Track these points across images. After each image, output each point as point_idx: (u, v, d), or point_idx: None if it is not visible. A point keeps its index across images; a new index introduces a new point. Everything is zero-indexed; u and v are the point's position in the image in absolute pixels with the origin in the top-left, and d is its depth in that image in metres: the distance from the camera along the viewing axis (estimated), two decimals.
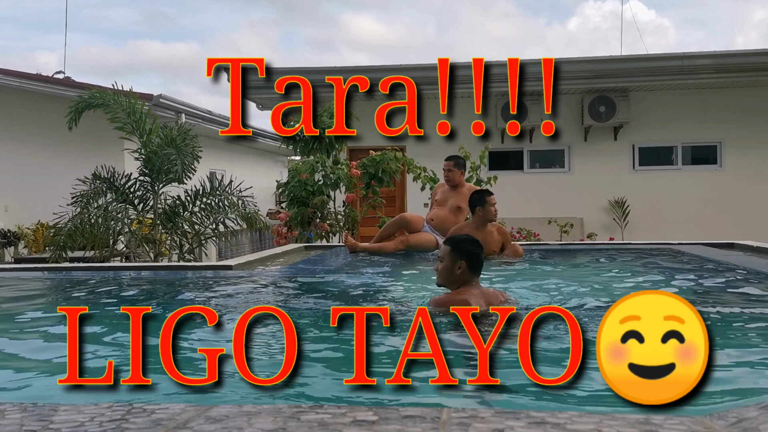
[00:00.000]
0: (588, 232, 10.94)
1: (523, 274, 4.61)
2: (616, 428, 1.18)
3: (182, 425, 1.22)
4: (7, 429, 1.22)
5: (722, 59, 10.31)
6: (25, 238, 11.10)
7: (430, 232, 5.79)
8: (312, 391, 1.90)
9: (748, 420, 1.26)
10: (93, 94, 7.57)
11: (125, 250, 7.95)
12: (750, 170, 10.84)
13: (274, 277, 4.53)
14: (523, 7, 71.04)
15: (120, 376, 1.68)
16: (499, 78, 8.28)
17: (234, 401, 1.62)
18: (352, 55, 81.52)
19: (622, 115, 10.73)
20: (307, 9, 64.64)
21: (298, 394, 1.86)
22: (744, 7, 50.07)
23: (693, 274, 4.32)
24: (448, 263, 2.95)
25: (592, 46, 69.05)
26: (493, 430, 1.18)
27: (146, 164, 7.49)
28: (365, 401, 1.69)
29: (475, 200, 5.37)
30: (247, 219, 8.00)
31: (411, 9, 69.15)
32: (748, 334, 2.69)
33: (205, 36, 79.43)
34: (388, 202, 9.47)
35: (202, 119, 12.22)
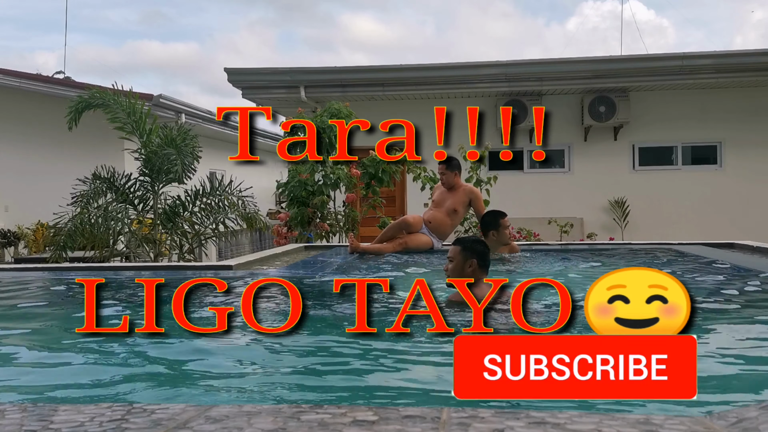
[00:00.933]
0: (588, 232, 10.94)
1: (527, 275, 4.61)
2: (616, 428, 1.18)
3: (182, 425, 1.22)
4: (7, 429, 1.22)
5: (722, 59, 10.31)
6: (25, 238, 11.11)
7: (426, 234, 5.81)
8: (312, 391, 1.90)
9: (748, 420, 1.26)
10: (93, 94, 7.57)
11: (125, 250, 7.95)
12: (750, 170, 10.84)
13: (273, 277, 4.52)
14: (522, 7, 71.03)
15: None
16: (498, 78, 8.41)
17: (234, 401, 1.63)
18: (350, 55, 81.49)
19: (622, 115, 10.73)
20: (305, 9, 64.70)
21: (298, 394, 1.87)
22: (743, 7, 50.07)
23: (692, 274, 4.32)
24: (459, 262, 3.07)
25: (591, 47, 69.12)
26: (493, 430, 1.18)
27: (146, 164, 7.49)
28: (365, 401, 1.69)
29: (488, 223, 5.00)
30: (247, 219, 8.01)
31: (409, 9, 69.20)
32: (748, 334, 2.69)
33: (204, 36, 79.47)
34: (388, 202, 9.46)
35: (202, 119, 12.22)
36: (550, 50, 61.86)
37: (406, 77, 10.65)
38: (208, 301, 3.65)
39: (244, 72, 10.98)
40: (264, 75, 11.04)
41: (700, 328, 2.76)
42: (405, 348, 2.37)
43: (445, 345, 2.43)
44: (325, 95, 10.59)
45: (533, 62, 10.64)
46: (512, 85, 10.60)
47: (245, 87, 11.04)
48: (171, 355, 2.38)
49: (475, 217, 7.51)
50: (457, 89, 10.73)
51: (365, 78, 10.81)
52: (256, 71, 11.08)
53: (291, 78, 10.81)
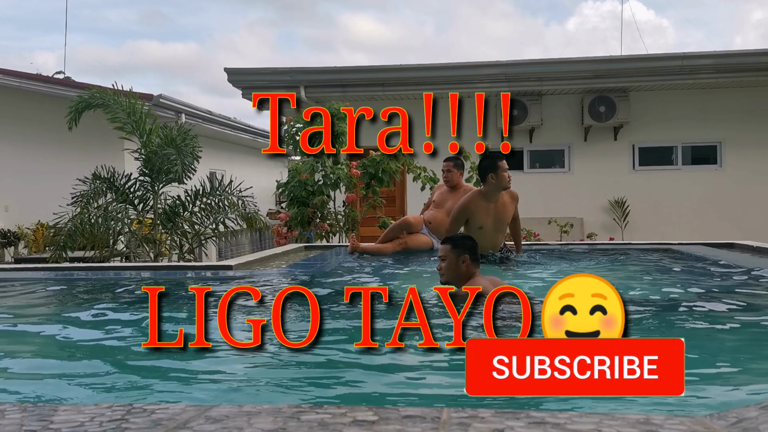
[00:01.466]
0: (588, 232, 10.94)
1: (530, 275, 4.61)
2: (616, 428, 1.18)
3: (182, 425, 1.22)
4: (7, 429, 1.22)
5: (722, 59, 10.31)
6: (25, 238, 11.11)
7: (426, 235, 5.82)
8: (312, 392, 1.91)
9: (748, 420, 1.26)
10: (93, 94, 7.57)
11: (125, 250, 7.95)
12: (750, 170, 10.84)
13: (274, 277, 4.52)
14: (521, 7, 71.08)
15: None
16: (498, 78, 8.43)
17: (234, 401, 1.63)
18: (350, 55, 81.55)
19: (622, 115, 10.73)
20: (305, 9, 64.72)
21: (298, 395, 1.87)
22: (742, 7, 50.09)
23: (693, 274, 4.32)
24: (452, 260, 3.14)
25: (591, 47, 69.11)
26: (493, 430, 1.18)
27: (146, 164, 7.49)
28: (365, 401, 1.69)
29: (485, 167, 4.77)
30: (247, 219, 8.00)
31: (409, 9, 69.22)
32: (748, 334, 2.69)
33: (204, 36, 79.50)
34: (388, 202, 9.46)
35: (202, 119, 12.22)
36: (550, 50, 61.87)
37: (407, 77, 10.65)
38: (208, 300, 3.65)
39: (244, 72, 10.98)
40: (264, 75, 11.04)
41: (701, 328, 2.76)
42: (405, 348, 2.37)
43: (445, 346, 2.43)
44: (325, 95, 10.59)
45: (533, 62, 10.64)
46: (512, 85, 10.59)
47: (245, 87, 11.04)
48: (171, 355, 2.38)
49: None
50: (457, 89, 10.69)
51: (365, 78, 10.81)
52: (256, 71, 11.08)
53: (291, 78, 10.81)
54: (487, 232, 4.86)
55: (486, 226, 4.86)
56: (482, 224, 4.85)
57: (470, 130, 3.53)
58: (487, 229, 4.86)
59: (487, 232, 4.85)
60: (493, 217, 4.88)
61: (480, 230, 4.79)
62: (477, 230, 4.77)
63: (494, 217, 4.88)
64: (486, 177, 4.75)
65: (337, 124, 7.82)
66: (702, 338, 2.53)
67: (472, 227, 4.85)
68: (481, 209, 4.85)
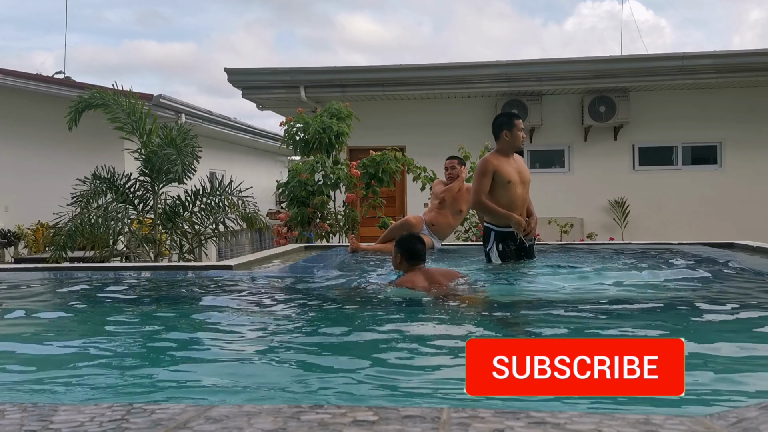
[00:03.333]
0: (588, 232, 10.94)
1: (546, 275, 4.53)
2: (616, 428, 1.18)
3: (182, 425, 1.22)
4: (7, 429, 1.22)
5: (722, 59, 10.32)
6: (25, 238, 11.11)
7: (427, 234, 5.86)
8: (312, 391, 1.90)
9: (748, 420, 1.26)
10: (93, 94, 7.57)
11: (125, 250, 7.95)
12: (750, 170, 10.84)
13: (274, 277, 4.52)
14: (519, 7, 71.13)
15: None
16: (498, 78, 8.46)
17: (234, 401, 1.63)
18: (347, 55, 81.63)
19: (622, 115, 10.73)
20: (302, 9, 64.71)
21: (298, 395, 1.87)
22: (739, 7, 50.10)
23: (692, 274, 4.32)
24: (393, 255, 3.83)
25: (589, 47, 69.16)
26: (493, 430, 1.18)
27: (146, 164, 7.49)
28: (365, 401, 1.69)
29: (501, 123, 4.61)
30: (247, 219, 8.01)
31: (406, 9, 69.23)
32: (748, 334, 2.69)
33: (202, 36, 79.54)
34: (388, 202, 9.47)
35: (202, 119, 12.22)
36: (548, 50, 61.95)
37: (407, 77, 10.65)
38: (209, 300, 3.65)
39: (244, 72, 10.98)
40: (264, 75, 11.04)
41: (701, 328, 2.76)
42: (405, 348, 2.37)
43: (445, 346, 2.43)
44: (325, 95, 10.60)
45: (533, 62, 10.64)
46: (512, 85, 10.60)
47: (245, 87, 11.04)
48: (171, 354, 2.38)
49: (475, 217, 7.53)
50: (457, 89, 10.72)
51: (365, 78, 10.81)
52: (256, 71, 11.08)
53: (291, 78, 10.81)
54: (516, 186, 4.70)
55: (513, 180, 4.69)
56: (509, 178, 4.67)
57: (470, 130, 3.52)
58: (514, 183, 4.69)
59: (515, 186, 4.69)
60: (517, 171, 4.74)
61: (509, 185, 4.64)
62: (506, 185, 4.63)
63: (518, 171, 4.74)
64: (500, 134, 4.64)
65: (337, 124, 7.88)
66: (702, 338, 2.53)
67: (499, 184, 4.66)
68: (504, 163, 4.68)
